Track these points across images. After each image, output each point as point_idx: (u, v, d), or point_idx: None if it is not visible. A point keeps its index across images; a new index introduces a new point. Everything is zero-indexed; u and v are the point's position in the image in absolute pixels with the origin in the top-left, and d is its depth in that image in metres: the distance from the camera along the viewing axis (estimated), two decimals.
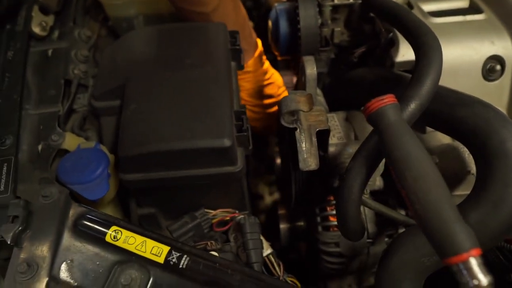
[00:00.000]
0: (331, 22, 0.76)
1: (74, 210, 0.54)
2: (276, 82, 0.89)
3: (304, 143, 0.57)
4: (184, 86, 0.62)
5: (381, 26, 0.70)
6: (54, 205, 0.54)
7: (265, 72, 0.85)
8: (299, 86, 0.72)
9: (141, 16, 0.84)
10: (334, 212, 0.76)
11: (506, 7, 0.70)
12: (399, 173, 0.42)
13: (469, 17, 0.70)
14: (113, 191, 0.62)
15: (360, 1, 0.75)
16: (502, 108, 0.69)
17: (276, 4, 0.82)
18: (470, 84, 0.67)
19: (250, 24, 0.83)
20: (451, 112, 0.55)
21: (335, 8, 0.77)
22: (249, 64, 0.80)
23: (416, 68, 0.51)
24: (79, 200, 0.58)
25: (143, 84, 0.63)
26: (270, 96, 0.89)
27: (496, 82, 0.67)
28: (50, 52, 0.73)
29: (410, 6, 0.74)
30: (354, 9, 0.76)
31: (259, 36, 0.82)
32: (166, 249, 0.48)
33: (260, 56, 0.82)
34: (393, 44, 0.67)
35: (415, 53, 0.55)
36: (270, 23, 0.83)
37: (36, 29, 0.72)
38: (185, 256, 0.48)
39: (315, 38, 0.74)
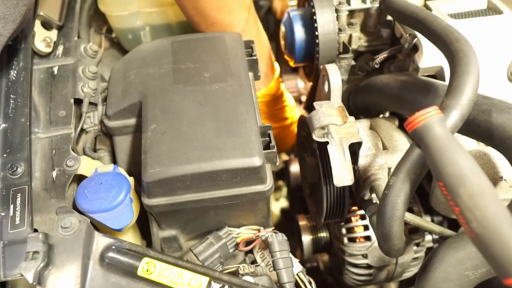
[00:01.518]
0: (348, 27, 0.74)
1: (98, 242, 0.51)
2: (290, 104, 0.90)
3: (337, 157, 0.55)
4: (206, 101, 0.59)
5: (403, 31, 0.68)
6: (76, 236, 0.51)
7: (282, 95, 0.86)
8: (321, 96, 0.70)
9: (148, 27, 0.81)
10: (359, 222, 0.74)
11: None
12: (452, 190, 0.41)
13: (490, 19, 0.69)
14: (135, 216, 0.59)
15: (377, 5, 0.73)
16: None
17: (289, 9, 0.80)
18: (495, 86, 0.66)
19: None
20: (487, 119, 0.53)
21: (351, 13, 0.75)
22: (270, 87, 0.81)
23: (454, 76, 0.50)
24: (99, 230, 0.55)
25: (162, 101, 0.60)
26: (285, 119, 0.89)
27: None
28: (55, 69, 0.69)
29: (428, 8, 0.73)
30: (371, 13, 0.74)
31: None
32: (205, 280, 0.46)
33: (278, 79, 0.83)
34: (417, 49, 0.65)
35: (448, 60, 0.53)
36: (283, 29, 0.81)
37: (40, 46, 0.69)
38: (226, 287, 0.46)
39: (333, 45, 0.72)
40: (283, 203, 1.39)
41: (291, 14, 0.79)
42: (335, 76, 0.64)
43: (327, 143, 0.56)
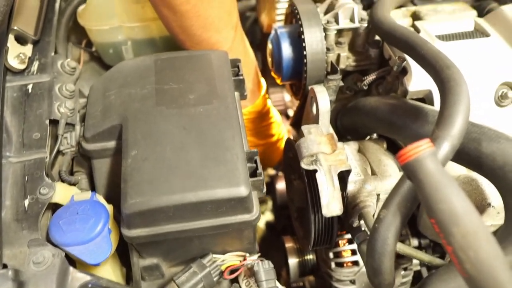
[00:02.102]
0: (336, 47, 0.73)
1: (73, 278, 0.48)
2: (277, 120, 0.89)
3: (326, 186, 0.53)
4: (191, 125, 0.57)
5: (391, 53, 0.68)
6: (48, 272, 0.48)
7: (268, 111, 0.84)
8: (309, 118, 0.69)
9: (130, 42, 0.78)
10: (347, 247, 0.73)
11: None
12: (444, 229, 0.39)
13: (477, 41, 0.69)
14: (113, 248, 0.56)
15: (365, 25, 0.72)
16: None
17: (276, 26, 0.78)
18: (483, 110, 0.66)
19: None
20: (477, 147, 0.53)
21: (340, 32, 0.74)
22: (257, 104, 0.79)
23: (445, 105, 0.49)
24: (75, 264, 0.51)
25: (144, 124, 0.58)
26: (271, 136, 0.88)
27: (509, 107, 0.67)
28: (30, 87, 0.65)
29: (416, 29, 0.73)
30: (359, 32, 0.73)
31: None
32: None
33: (265, 95, 0.81)
34: (406, 72, 0.64)
35: (438, 86, 0.52)
36: (270, 46, 0.80)
37: (13, 62, 0.65)
38: None
39: (322, 64, 0.71)
40: (269, 216, 1.37)
41: (279, 31, 0.77)
42: (324, 99, 0.62)
43: (315, 171, 0.54)
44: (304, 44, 0.70)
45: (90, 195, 0.55)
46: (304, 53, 0.70)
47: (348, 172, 0.57)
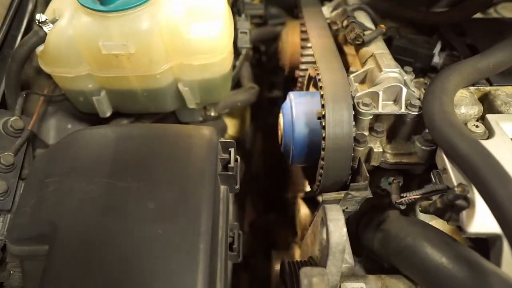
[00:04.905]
0: (369, 137, 0.54)
1: None
2: None
3: None
4: (139, 257, 0.40)
5: (449, 167, 0.47)
6: None
7: None
8: (314, 243, 0.50)
9: (104, 92, 0.61)
10: None
11: None
12: None
13: None
14: None
15: (415, 113, 0.52)
16: None
17: (292, 95, 0.59)
18: None
19: None
20: None
21: (377, 116, 0.54)
22: None
23: None
24: None
25: (76, 245, 0.42)
26: None
27: None
28: None
29: (487, 125, 0.52)
30: (405, 121, 0.53)
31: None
32: None
33: None
34: (467, 206, 0.44)
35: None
36: (281, 118, 0.61)
37: None
38: None
39: (345, 162, 0.52)
40: None
41: (294, 101, 0.58)
42: (338, 232, 0.44)
43: None
44: (323, 134, 0.51)
45: None
46: (323, 146, 0.51)
47: None
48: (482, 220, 0.44)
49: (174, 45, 0.57)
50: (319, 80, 0.55)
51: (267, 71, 1.01)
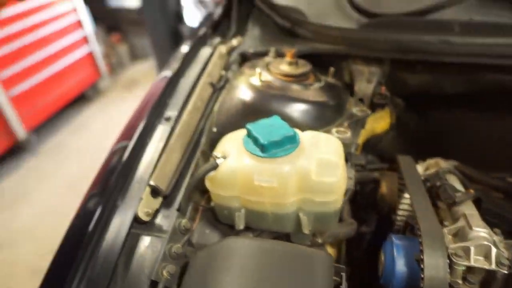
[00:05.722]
0: (462, 285, 0.63)
1: None
2: None
3: None
4: None
5: None
6: None
7: None
8: None
9: (244, 210, 0.82)
10: None
11: None
12: None
13: None
14: None
15: (505, 271, 0.62)
16: None
17: (393, 237, 0.73)
18: None
19: None
20: None
21: (470, 268, 0.65)
22: None
23: None
24: None
25: None
26: None
27: None
28: (147, 240, 0.72)
29: None
30: (496, 277, 0.63)
31: None
32: None
33: None
34: None
35: None
36: (382, 257, 0.74)
37: (141, 214, 0.73)
38: None
39: None
40: None
41: (395, 242, 0.72)
42: None
43: None
44: (422, 276, 0.62)
45: None
46: (422, 276, 0.62)
47: None
48: None
49: (304, 185, 0.77)
50: (418, 228, 0.69)
51: (359, 208, 1.16)
